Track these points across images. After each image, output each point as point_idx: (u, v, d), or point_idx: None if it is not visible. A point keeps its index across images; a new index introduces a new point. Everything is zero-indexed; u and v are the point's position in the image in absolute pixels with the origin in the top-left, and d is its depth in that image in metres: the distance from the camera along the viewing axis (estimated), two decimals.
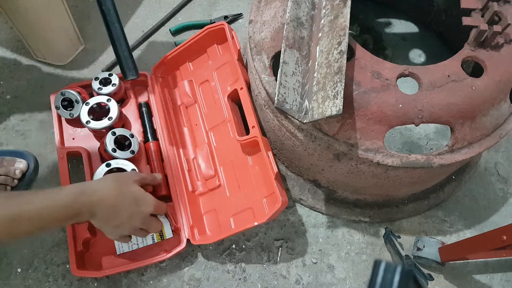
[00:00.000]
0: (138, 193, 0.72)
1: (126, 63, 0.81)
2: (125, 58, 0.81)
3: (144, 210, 0.73)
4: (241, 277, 0.86)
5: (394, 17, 1.18)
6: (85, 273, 0.78)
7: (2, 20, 1.10)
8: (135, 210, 0.71)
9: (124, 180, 0.72)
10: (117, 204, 0.68)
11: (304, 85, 0.69)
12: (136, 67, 0.83)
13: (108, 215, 0.68)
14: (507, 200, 0.99)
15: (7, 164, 0.84)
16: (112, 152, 0.84)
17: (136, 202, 0.71)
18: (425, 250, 0.85)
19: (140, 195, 0.72)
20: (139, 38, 1.10)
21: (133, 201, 0.70)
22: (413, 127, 1.00)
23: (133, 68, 0.82)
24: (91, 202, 0.64)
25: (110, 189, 0.67)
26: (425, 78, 0.68)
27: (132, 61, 0.82)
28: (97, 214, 0.66)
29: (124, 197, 0.69)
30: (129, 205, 0.70)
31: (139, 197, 0.72)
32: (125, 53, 0.80)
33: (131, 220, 0.71)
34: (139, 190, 0.73)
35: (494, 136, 0.75)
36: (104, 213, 0.67)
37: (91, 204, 0.64)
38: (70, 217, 0.63)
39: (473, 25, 0.70)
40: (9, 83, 1.03)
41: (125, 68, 0.81)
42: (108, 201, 0.66)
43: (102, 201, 0.66)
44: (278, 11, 0.79)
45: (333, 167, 0.79)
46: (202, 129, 0.94)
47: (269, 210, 0.79)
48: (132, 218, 0.71)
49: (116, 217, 0.69)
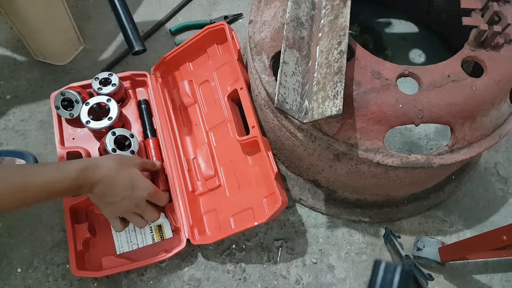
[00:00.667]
0: (135, 177, 0.73)
1: (133, 34, 0.77)
2: (131, 29, 0.77)
3: (138, 194, 0.73)
4: (241, 277, 0.86)
5: (394, 17, 1.18)
6: (85, 273, 0.78)
7: (2, 20, 1.10)
8: (129, 192, 0.72)
9: (125, 161, 0.74)
10: (113, 182, 0.70)
11: (304, 85, 0.69)
12: (142, 40, 0.79)
13: (103, 192, 0.70)
14: (507, 200, 0.99)
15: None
16: (112, 152, 0.84)
17: (131, 185, 0.72)
18: (425, 250, 0.85)
19: (137, 179, 0.74)
20: None
21: (128, 182, 0.72)
22: (413, 127, 1.00)
23: (139, 39, 0.78)
24: (93, 178, 0.67)
25: (110, 168, 0.69)
26: (425, 78, 0.68)
27: (137, 34, 0.78)
28: (95, 189, 0.69)
29: (121, 177, 0.71)
30: (124, 186, 0.71)
31: (136, 181, 0.73)
32: (130, 25, 0.77)
33: (124, 201, 0.72)
34: (137, 174, 0.74)
35: (494, 136, 0.75)
36: (100, 189, 0.69)
37: (92, 181, 0.67)
38: (73, 189, 0.66)
39: (473, 25, 0.70)
40: (9, 83, 1.03)
41: (132, 38, 0.77)
42: (106, 179, 0.68)
43: (101, 178, 0.68)
44: (278, 11, 0.79)
45: (333, 167, 0.79)
46: (202, 129, 0.94)
47: (269, 210, 0.79)
48: (124, 199, 0.72)
49: (110, 195, 0.71)
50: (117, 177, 0.70)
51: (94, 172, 0.67)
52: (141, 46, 0.78)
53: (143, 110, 0.94)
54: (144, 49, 0.78)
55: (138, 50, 0.77)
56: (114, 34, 1.12)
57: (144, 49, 0.78)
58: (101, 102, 0.89)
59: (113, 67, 1.07)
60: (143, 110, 0.94)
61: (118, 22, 0.77)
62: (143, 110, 0.94)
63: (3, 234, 0.87)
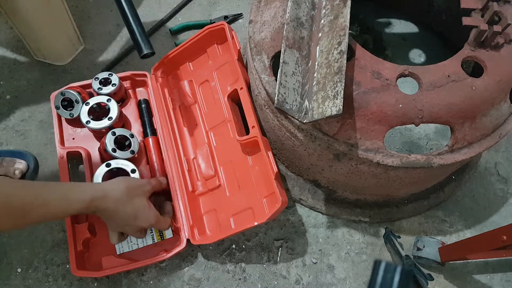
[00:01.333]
0: (140, 209, 0.74)
1: (141, 37, 0.77)
2: (139, 32, 0.77)
3: (140, 224, 0.75)
4: (241, 277, 0.86)
5: (394, 17, 1.18)
6: (85, 273, 0.78)
7: (2, 20, 1.10)
8: (131, 222, 0.74)
9: (134, 191, 0.74)
10: (117, 213, 0.72)
11: (304, 85, 0.69)
12: (151, 43, 0.79)
13: (107, 218, 0.73)
14: (507, 200, 0.99)
15: (6, 165, 0.84)
16: (112, 152, 0.84)
17: (135, 216, 0.74)
18: (425, 250, 0.85)
19: (141, 211, 0.75)
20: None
21: (132, 214, 0.73)
22: (413, 127, 1.00)
23: (148, 42, 0.78)
24: (99, 207, 0.68)
25: (116, 200, 0.71)
26: (425, 78, 0.68)
27: (146, 37, 0.78)
28: (100, 214, 0.71)
29: (125, 209, 0.72)
30: (127, 217, 0.73)
31: (140, 213, 0.74)
32: (139, 28, 0.77)
33: (126, 227, 0.75)
34: (143, 206, 0.75)
35: (494, 136, 0.75)
36: (105, 216, 0.72)
37: (98, 209, 0.69)
38: (78, 212, 0.67)
39: (473, 25, 0.70)
40: (9, 83, 1.03)
41: (141, 42, 0.77)
42: (110, 209, 0.70)
43: (106, 208, 0.69)
44: (278, 11, 0.79)
45: (333, 167, 0.79)
46: (202, 129, 0.94)
47: (269, 210, 0.79)
48: (127, 226, 0.75)
49: (114, 221, 0.74)
50: (121, 208, 0.71)
51: (101, 202, 0.68)
52: (149, 49, 0.78)
53: (143, 109, 0.94)
54: (153, 52, 0.78)
55: (147, 53, 0.77)
56: (114, 34, 1.12)
57: (152, 52, 0.78)
58: (101, 102, 0.89)
59: (113, 67, 1.07)
60: (143, 110, 0.94)
61: (127, 25, 0.77)
62: (143, 110, 0.94)
63: (3, 234, 0.87)
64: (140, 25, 0.78)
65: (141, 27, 0.78)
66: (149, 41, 0.78)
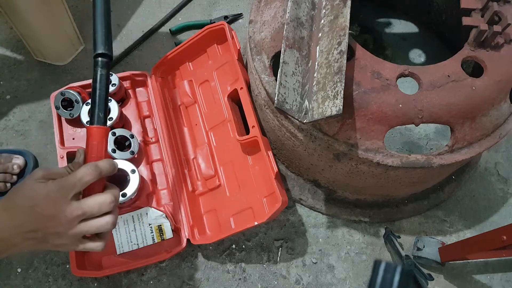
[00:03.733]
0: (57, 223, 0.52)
1: (102, 35, 0.61)
2: (101, 30, 0.62)
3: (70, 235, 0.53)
4: (241, 277, 0.86)
5: (394, 17, 1.18)
6: (85, 273, 0.78)
7: (2, 20, 1.10)
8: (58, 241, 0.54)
9: (39, 209, 0.51)
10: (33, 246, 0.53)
11: (304, 85, 0.69)
12: (111, 45, 0.62)
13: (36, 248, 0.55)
14: (507, 200, 0.99)
15: (4, 161, 0.84)
16: (111, 152, 0.84)
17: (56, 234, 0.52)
18: (425, 250, 0.85)
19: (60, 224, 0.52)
20: (139, 38, 1.10)
21: (53, 233, 0.52)
22: (413, 127, 1.00)
23: (106, 42, 0.61)
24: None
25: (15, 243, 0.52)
26: (425, 78, 0.68)
27: (107, 36, 0.61)
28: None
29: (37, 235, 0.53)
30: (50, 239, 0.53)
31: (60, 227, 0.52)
32: (102, 26, 0.62)
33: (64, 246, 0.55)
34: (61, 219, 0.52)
35: (494, 136, 0.75)
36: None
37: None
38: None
39: (473, 25, 0.70)
40: (9, 83, 1.03)
41: (99, 39, 0.61)
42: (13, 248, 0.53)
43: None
44: (278, 11, 0.79)
45: (333, 167, 0.79)
46: (202, 129, 0.94)
47: (269, 210, 0.79)
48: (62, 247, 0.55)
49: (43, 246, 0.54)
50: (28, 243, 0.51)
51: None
52: (105, 50, 0.60)
53: (97, 77, 0.58)
54: (109, 54, 0.61)
55: (100, 53, 0.61)
56: (114, 34, 1.12)
57: (108, 54, 0.61)
58: None
59: (113, 67, 1.07)
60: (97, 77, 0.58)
61: (93, 20, 0.63)
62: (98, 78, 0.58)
63: None
64: (105, 24, 0.63)
65: (106, 26, 0.63)
66: (109, 42, 0.62)
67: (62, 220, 0.51)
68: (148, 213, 0.85)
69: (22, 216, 0.51)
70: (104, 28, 0.62)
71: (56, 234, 0.52)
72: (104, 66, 0.59)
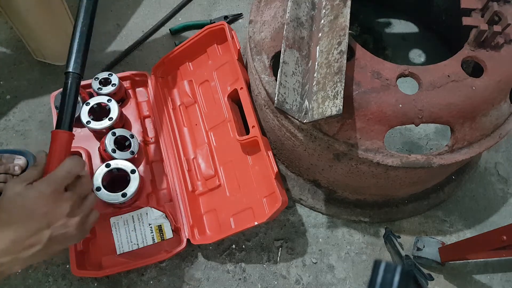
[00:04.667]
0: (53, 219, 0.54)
1: (77, 54, 0.65)
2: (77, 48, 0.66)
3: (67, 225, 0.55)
4: (241, 277, 0.86)
5: (394, 17, 1.18)
6: (85, 273, 0.78)
7: (2, 20, 1.10)
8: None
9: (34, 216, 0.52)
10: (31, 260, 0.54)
11: (304, 85, 0.69)
12: (84, 64, 0.66)
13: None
14: (507, 200, 0.99)
15: (6, 161, 0.84)
16: (112, 152, 0.84)
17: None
18: (425, 250, 0.85)
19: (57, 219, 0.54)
20: (139, 38, 1.11)
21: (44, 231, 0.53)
22: (413, 127, 1.00)
23: (79, 61, 0.65)
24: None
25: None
26: (425, 78, 0.68)
27: (82, 56, 0.66)
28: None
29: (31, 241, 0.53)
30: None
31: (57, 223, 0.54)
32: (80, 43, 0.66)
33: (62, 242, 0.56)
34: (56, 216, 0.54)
35: (494, 136, 0.75)
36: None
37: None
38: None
39: (473, 25, 0.70)
40: (9, 83, 1.03)
41: (73, 57, 0.65)
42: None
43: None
44: (278, 11, 0.79)
45: (333, 167, 0.79)
46: (202, 129, 0.94)
47: (269, 210, 0.79)
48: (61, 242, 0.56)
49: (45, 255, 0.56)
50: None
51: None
52: (75, 69, 0.64)
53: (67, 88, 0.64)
54: (79, 74, 0.65)
55: (70, 72, 0.65)
56: (114, 34, 1.12)
57: (78, 74, 0.65)
58: (101, 102, 0.89)
59: (113, 67, 1.07)
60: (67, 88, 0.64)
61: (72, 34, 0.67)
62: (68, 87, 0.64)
63: None
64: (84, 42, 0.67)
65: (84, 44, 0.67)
66: (83, 62, 0.66)
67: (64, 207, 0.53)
68: (148, 213, 0.85)
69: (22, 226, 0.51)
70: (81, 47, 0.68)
71: (63, 226, 0.53)
72: (74, 80, 0.65)
